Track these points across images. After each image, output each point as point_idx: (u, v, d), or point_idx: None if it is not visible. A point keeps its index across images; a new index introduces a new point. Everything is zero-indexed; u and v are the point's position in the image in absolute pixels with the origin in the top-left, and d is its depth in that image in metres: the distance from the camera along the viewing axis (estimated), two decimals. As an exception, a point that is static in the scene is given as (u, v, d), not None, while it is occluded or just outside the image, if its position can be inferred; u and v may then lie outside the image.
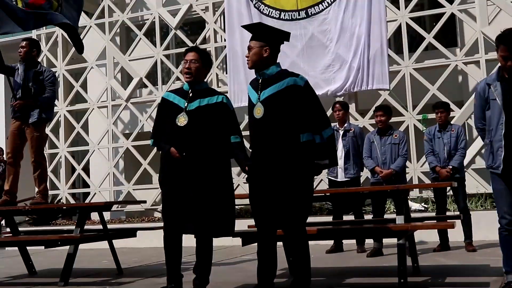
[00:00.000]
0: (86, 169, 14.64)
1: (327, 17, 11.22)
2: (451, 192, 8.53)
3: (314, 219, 9.39)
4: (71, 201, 13.78)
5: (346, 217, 8.58)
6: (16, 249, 7.84)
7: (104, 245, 7.12)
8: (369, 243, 7.88)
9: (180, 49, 13.27)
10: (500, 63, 4.45)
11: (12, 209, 6.89)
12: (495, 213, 4.76)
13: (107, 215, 13.15)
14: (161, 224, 4.95)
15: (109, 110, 13.80)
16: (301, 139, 4.35)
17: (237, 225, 5.05)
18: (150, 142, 5.03)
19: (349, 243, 8.39)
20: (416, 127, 10.87)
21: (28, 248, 7.18)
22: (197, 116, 4.78)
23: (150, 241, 9.79)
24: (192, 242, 4.86)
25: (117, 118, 13.98)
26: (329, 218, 8.57)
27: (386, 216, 8.05)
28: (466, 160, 9.33)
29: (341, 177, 8.02)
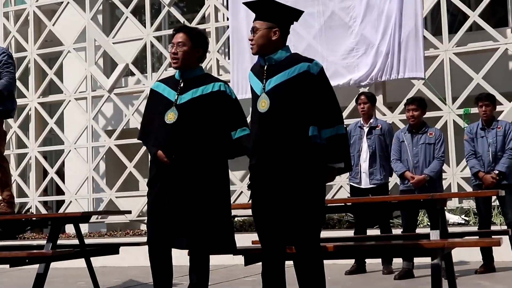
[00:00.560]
0: (60, 172, 14.71)
1: (350, -9, 11.24)
2: (497, 203, 8.50)
3: (332, 233, 9.41)
4: (42, 210, 13.85)
5: (370, 232, 8.57)
6: (-24, 267, 7.87)
7: (80, 263, 7.13)
8: (397, 262, 7.88)
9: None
10: None
11: (-30, 220, 6.91)
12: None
13: (84, 227, 13.19)
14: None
15: (88, 102, 13.86)
16: (310, 132, 4.35)
17: (239, 241, 5.06)
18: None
19: (373, 263, 8.38)
20: (456, 123, 10.85)
21: (-10, 266, 7.20)
22: (189, 111, 4.78)
23: (135, 259, 9.82)
24: (185, 260, 4.87)
25: (98, 112, 14.03)
26: (350, 233, 8.55)
27: (418, 231, 8.04)
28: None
29: (365, 183, 8.02)
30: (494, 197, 7.91)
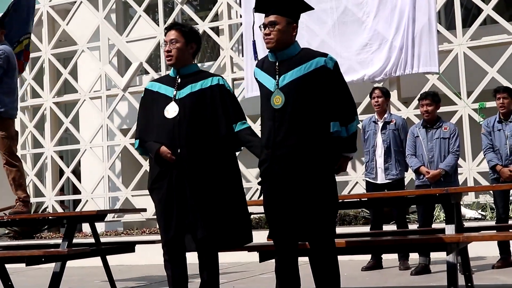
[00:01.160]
0: (76, 172, 14.77)
1: (363, -14, 11.19)
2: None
3: (348, 229, 9.39)
4: (59, 209, 13.92)
5: (386, 227, 8.54)
6: (-7, 267, 7.90)
7: (97, 262, 7.17)
8: (414, 258, 7.85)
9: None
10: None
11: (-13, 220, 6.96)
12: None
13: (100, 226, 13.26)
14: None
15: (103, 101, 13.89)
16: (331, 128, 4.37)
17: (255, 238, 5.04)
18: (135, 144, 5.03)
19: (390, 258, 8.35)
20: (471, 117, 10.78)
21: (7, 266, 7.23)
22: (190, 105, 4.77)
23: (151, 257, 9.83)
24: (194, 257, 4.86)
25: (113, 111, 14.07)
26: (366, 229, 8.53)
27: (434, 226, 8.00)
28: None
29: (381, 179, 8.00)
30: None
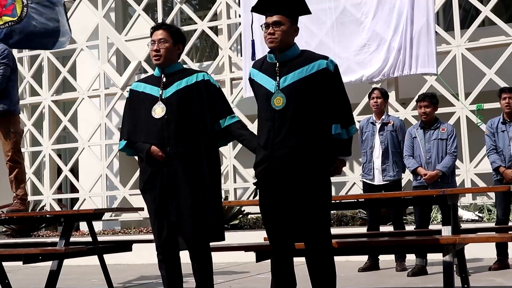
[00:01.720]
0: (74, 170, 14.76)
1: (362, -14, 11.19)
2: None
3: (345, 230, 9.39)
4: (56, 208, 13.92)
5: (383, 228, 8.54)
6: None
7: (94, 260, 7.16)
8: (411, 259, 7.85)
9: (187, 27, 13.33)
10: None
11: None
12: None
13: (98, 225, 13.25)
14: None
15: (102, 100, 13.89)
16: (333, 130, 4.37)
17: (252, 238, 5.06)
18: (119, 145, 5.01)
19: (386, 260, 8.36)
20: (469, 119, 10.79)
21: (4, 264, 7.23)
22: (177, 103, 4.77)
23: (149, 256, 9.80)
24: (186, 256, 4.86)
25: (112, 110, 14.06)
26: (363, 230, 8.53)
27: (431, 228, 8.00)
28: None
29: (378, 180, 7.99)
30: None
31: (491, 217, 9.44)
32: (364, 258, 8.11)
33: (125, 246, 7.12)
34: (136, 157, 5.28)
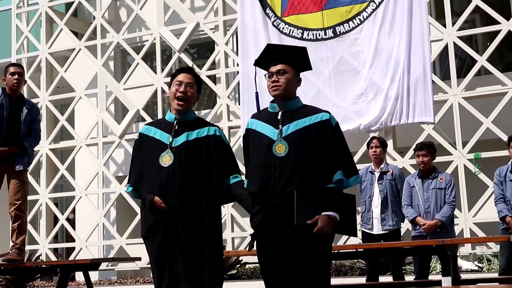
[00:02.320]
0: (70, 218, 14.68)
1: (359, 36, 11.29)
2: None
3: (344, 280, 9.31)
4: (52, 257, 13.80)
5: (382, 279, 8.47)
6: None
7: (89, 311, 7.08)
8: (411, 310, 7.78)
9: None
10: None
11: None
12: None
13: (94, 275, 13.11)
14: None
15: (99, 148, 13.90)
16: (335, 177, 4.35)
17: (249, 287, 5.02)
18: (127, 188, 4.91)
19: (386, 310, 8.27)
20: (467, 168, 10.79)
21: (-1, 315, 7.17)
22: (185, 154, 4.67)
23: (146, 307, 9.75)
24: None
25: (109, 158, 14.07)
26: (362, 280, 8.46)
27: (431, 278, 7.96)
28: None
29: (377, 229, 7.95)
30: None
31: (491, 267, 9.38)
32: (363, 309, 8.04)
33: (122, 297, 7.05)
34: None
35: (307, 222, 4.27)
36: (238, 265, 11.30)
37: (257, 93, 5.13)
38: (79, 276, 12.51)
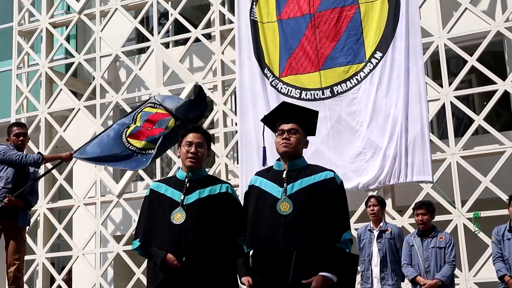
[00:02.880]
0: (68, 279, 14.54)
1: (356, 96, 11.37)
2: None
3: None
4: (49, 318, 13.62)
5: None
6: None
7: None
8: None
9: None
10: None
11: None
12: None
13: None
14: None
15: (97, 207, 13.87)
16: (344, 237, 4.37)
17: None
18: (133, 245, 4.81)
19: None
20: (466, 227, 10.77)
21: None
22: (197, 212, 4.63)
23: None
24: None
25: (107, 217, 14.03)
26: None
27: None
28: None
29: (377, 288, 7.92)
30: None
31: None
32: None
33: None
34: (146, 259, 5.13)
35: (302, 281, 4.28)
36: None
37: (264, 148, 5.19)
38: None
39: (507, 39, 11.96)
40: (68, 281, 14.65)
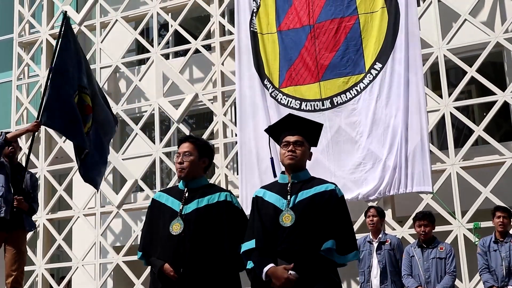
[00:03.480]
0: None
1: (356, 107, 11.38)
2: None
3: None
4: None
5: None
6: None
7: None
8: None
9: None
10: None
11: None
12: None
13: None
14: None
15: (97, 218, 13.86)
16: (324, 245, 4.35)
17: None
18: (138, 255, 4.88)
19: None
20: (466, 238, 10.77)
21: None
22: (195, 221, 4.63)
23: None
24: None
25: (107, 228, 14.01)
26: None
27: None
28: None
29: (377, 300, 7.90)
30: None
31: None
32: None
33: None
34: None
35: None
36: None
37: (272, 158, 5.19)
38: None
39: (506, 50, 11.98)
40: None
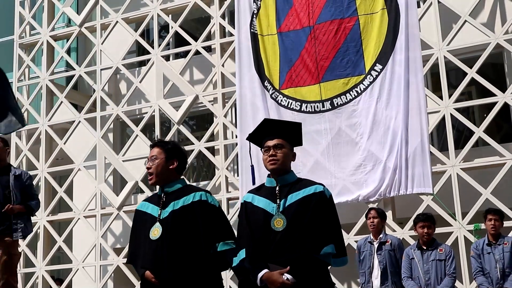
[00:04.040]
0: (68, 291, 14.51)
1: (356, 108, 11.38)
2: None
3: None
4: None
5: None
6: None
7: None
8: None
9: (184, 147, 13.47)
10: None
11: None
12: None
13: None
14: None
15: (97, 220, 13.85)
16: (324, 250, 4.35)
17: None
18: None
19: None
20: (466, 239, 10.75)
21: None
22: (171, 224, 4.62)
23: None
24: None
25: (107, 230, 14.00)
26: None
27: None
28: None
29: (378, 301, 7.90)
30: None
31: None
32: None
33: None
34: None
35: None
36: None
37: (252, 166, 5.17)
38: None
39: (506, 51, 11.98)
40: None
